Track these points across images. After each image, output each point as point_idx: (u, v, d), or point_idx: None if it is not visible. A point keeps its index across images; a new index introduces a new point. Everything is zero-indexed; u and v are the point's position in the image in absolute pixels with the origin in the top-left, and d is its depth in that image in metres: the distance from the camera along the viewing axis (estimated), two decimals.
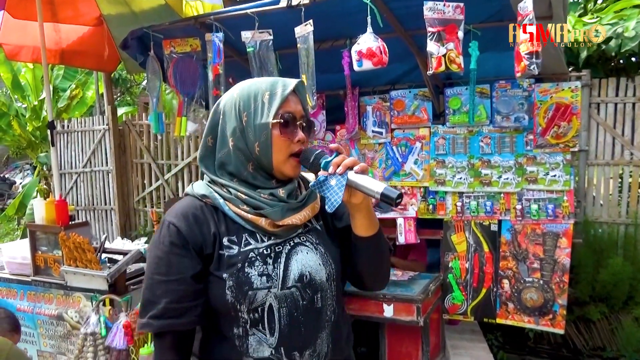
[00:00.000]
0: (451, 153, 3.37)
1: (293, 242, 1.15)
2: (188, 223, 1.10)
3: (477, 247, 3.34)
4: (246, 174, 1.13)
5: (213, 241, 1.10)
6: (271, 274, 1.09)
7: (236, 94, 1.15)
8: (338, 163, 1.08)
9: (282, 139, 1.12)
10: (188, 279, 1.08)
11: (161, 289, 1.08)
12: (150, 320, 1.08)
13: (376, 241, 1.19)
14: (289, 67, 3.05)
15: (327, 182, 1.09)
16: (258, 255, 1.10)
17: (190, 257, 1.08)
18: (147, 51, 3.30)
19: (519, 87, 3.17)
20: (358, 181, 1.07)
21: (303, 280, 1.12)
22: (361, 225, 1.16)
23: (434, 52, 2.39)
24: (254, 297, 1.07)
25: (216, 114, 1.17)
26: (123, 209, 6.10)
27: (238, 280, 1.07)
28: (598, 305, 4.10)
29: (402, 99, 3.48)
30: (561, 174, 3.12)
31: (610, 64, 4.68)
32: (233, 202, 1.12)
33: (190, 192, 1.18)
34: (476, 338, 3.66)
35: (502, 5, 2.56)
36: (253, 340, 1.10)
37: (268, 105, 1.11)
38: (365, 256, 1.20)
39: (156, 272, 1.09)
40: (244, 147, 1.12)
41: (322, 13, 2.73)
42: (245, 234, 1.12)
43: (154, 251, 1.11)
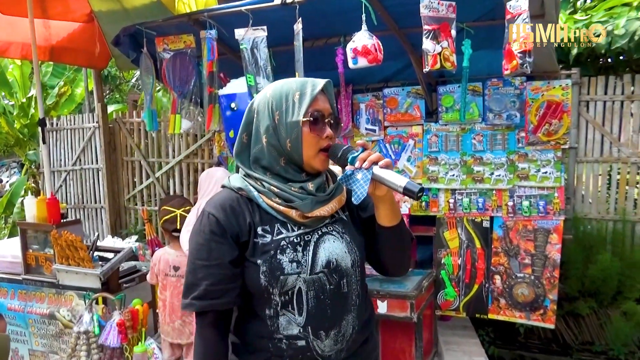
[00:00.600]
0: (444, 150, 3.40)
1: (321, 231, 1.25)
2: (226, 214, 1.20)
3: (469, 244, 3.37)
4: (279, 168, 1.22)
5: (248, 230, 1.20)
6: (301, 261, 1.19)
7: (269, 94, 1.24)
8: (364, 158, 1.17)
9: (311, 135, 1.20)
10: (226, 263, 1.18)
11: (202, 272, 1.19)
12: (193, 300, 1.19)
13: (398, 231, 1.28)
14: (283, 64, 3.05)
15: (354, 175, 1.17)
16: (289, 243, 1.20)
17: (228, 244, 1.19)
18: (139, 48, 3.28)
19: (511, 85, 3.20)
20: (383, 175, 1.16)
21: (330, 266, 1.22)
22: (385, 216, 1.25)
23: (430, 50, 2.40)
24: (285, 282, 1.18)
25: (250, 112, 1.27)
26: (113, 207, 6.05)
27: (271, 266, 1.17)
28: (587, 300, 4.15)
29: (395, 97, 3.50)
30: (552, 170, 3.16)
31: (600, 62, 4.73)
32: (266, 195, 1.21)
33: (228, 185, 1.27)
34: (468, 334, 3.70)
35: (495, 4, 2.58)
36: (283, 320, 1.20)
37: (298, 104, 1.20)
38: (388, 245, 1.30)
39: (198, 257, 1.20)
40: (276, 143, 1.21)
41: (316, 11, 2.74)
42: (277, 224, 1.22)
43: (196, 239, 1.21)
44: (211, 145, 5.66)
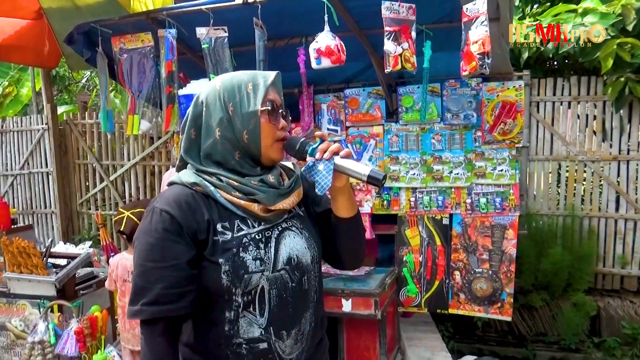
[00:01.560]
0: (404, 150, 3.46)
1: (281, 227, 1.22)
2: (181, 210, 1.12)
3: (430, 241, 3.45)
4: (233, 162, 1.18)
5: (207, 227, 1.13)
6: (264, 258, 1.15)
7: (218, 86, 1.20)
8: (324, 149, 1.19)
9: (269, 125, 1.18)
10: (183, 264, 1.10)
11: (155, 275, 1.09)
12: (144, 307, 1.09)
13: (356, 222, 1.30)
14: (244, 65, 3.02)
15: (315, 167, 1.18)
16: (251, 240, 1.16)
17: (184, 243, 1.11)
18: (94, 47, 3.17)
19: (467, 86, 3.30)
20: (345, 165, 1.17)
21: (291, 263, 1.20)
22: (343, 208, 1.27)
23: (392, 51, 2.44)
24: (249, 281, 1.12)
25: (197, 106, 1.22)
26: (65, 212, 5.83)
27: (234, 265, 1.12)
28: (540, 293, 4.34)
29: (356, 97, 3.54)
30: (507, 168, 3.28)
31: (547, 65, 4.96)
32: (225, 189, 1.16)
33: (179, 180, 1.20)
34: (429, 329, 3.78)
35: (453, 7, 2.65)
36: (243, 323, 1.14)
37: (253, 95, 1.17)
38: (346, 236, 1.31)
39: (149, 258, 1.10)
40: (231, 136, 1.17)
41: (277, 11, 2.74)
42: (237, 220, 1.17)
43: (145, 239, 1.12)
44: (168, 147, 5.55)
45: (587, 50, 4.08)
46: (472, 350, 4.37)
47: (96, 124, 5.70)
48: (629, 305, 4.33)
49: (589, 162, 4.42)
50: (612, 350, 4.18)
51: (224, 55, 2.87)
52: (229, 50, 2.87)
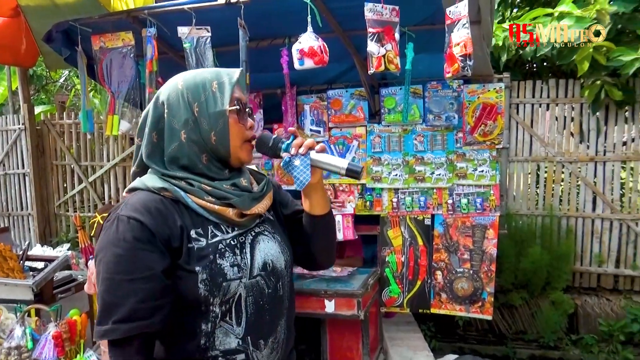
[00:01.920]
0: (387, 151, 3.48)
1: (254, 231, 1.19)
2: (152, 216, 1.04)
3: (412, 241, 3.47)
4: (201, 165, 1.13)
5: (180, 234, 1.07)
6: (240, 264, 1.11)
7: (180, 85, 1.14)
8: (299, 144, 1.17)
9: (238, 125, 1.15)
10: (158, 274, 1.02)
11: (126, 288, 1.00)
12: (116, 325, 0.99)
13: (330, 219, 1.30)
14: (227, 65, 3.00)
15: (292, 162, 1.16)
16: (226, 246, 1.11)
17: (158, 252, 1.03)
18: (73, 46, 3.12)
19: (449, 88, 3.34)
20: (322, 159, 1.16)
21: (267, 268, 1.16)
22: (317, 205, 1.26)
23: (375, 53, 2.45)
24: (228, 288, 1.08)
25: (158, 108, 1.14)
26: (42, 214, 5.71)
27: (212, 273, 1.06)
28: (520, 291, 4.40)
29: (339, 98, 3.55)
30: (488, 169, 3.32)
31: (526, 68, 5.04)
32: (196, 194, 1.10)
33: (143, 186, 1.11)
34: (411, 329, 3.81)
35: (435, 10, 2.68)
36: (220, 333, 1.09)
37: (220, 94, 1.12)
38: (321, 234, 1.30)
39: (118, 271, 1.01)
40: (197, 138, 1.12)
41: (260, 11, 2.73)
42: (211, 226, 1.11)
43: (112, 249, 1.02)
44: None
45: (564, 54, 4.16)
46: (454, 349, 4.42)
47: (75, 124, 5.60)
48: (605, 302, 4.43)
49: (567, 163, 4.51)
50: (590, 347, 4.26)
51: (207, 55, 2.85)
52: (211, 50, 2.85)
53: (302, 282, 3.07)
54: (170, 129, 1.12)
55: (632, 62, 3.86)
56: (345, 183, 3.57)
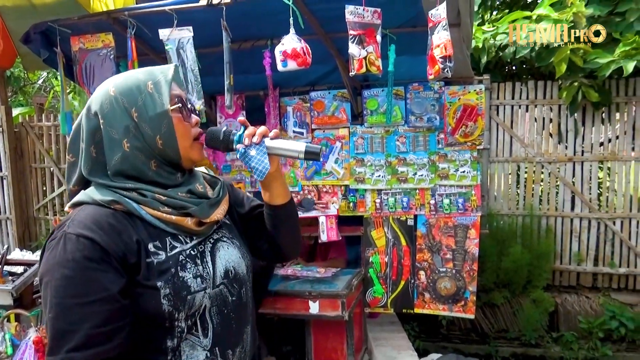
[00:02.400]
0: (370, 152, 3.50)
1: (213, 239, 1.14)
2: (105, 232, 0.96)
3: (395, 242, 3.50)
4: (151, 173, 1.06)
5: (137, 249, 1.00)
6: (203, 274, 1.06)
7: (112, 91, 1.06)
8: (252, 133, 1.14)
9: (183, 124, 1.09)
10: (115, 295, 0.94)
11: (79, 313, 0.91)
12: (70, 354, 0.90)
13: (292, 206, 1.29)
14: (209, 66, 3.00)
15: (247, 153, 1.12)
16: (187, 257, 1.06)
17: (113, 271, 0.95)
18: (52, 47, 3.07)
19: (430, 90, 3.37)
20: (278, 146, 1.13)
21: (229, 275, 1.13)
22: (278, 194, 1.23)
23: (356, 55, 2.47)
24: (193, 301, 1.03)
25: (91, 120, 1.06)
26: (21, 218, 5.62)
27: (175, 287, 1.00)
28: (501, 290, 4.47)
29: (322, 100, 3.56)
30: (469, 170, 3.36)
31: (506, 70, 5.12)
32: (150, 205, 1.03)
33: (90, 200, 1.02)
34: (395, 329, 3.83)
35: (416, 12, 2.71)
36: (186, 347, 1.04)
37: (157, 94, 1.05)
38: (285, 224, 1.28)
39: (68, 295, 0.92)
40: (142, 145, 1.04)
41: (243, 13, 2.72)
42: (168, 237, 1.05)
43: (60, 271, 0.93)
44: None
45: (542, 56, 4.24)
46: (438, 348, 4.46)
47: (54, 127, 5.52)
48: (584, 300, 4.51)
49: (546, 163, 4.59)
50: (570, 345, 4.34)
51: (190, 56, 2.83)
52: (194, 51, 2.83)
53: (287, 283, 3.07)
54: (109, 140, 1.04)
55: (609, 64, 3.95)
56: (329, 184, 3.58)
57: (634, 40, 3.89)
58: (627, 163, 4.50)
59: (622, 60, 3.90)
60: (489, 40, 4.50)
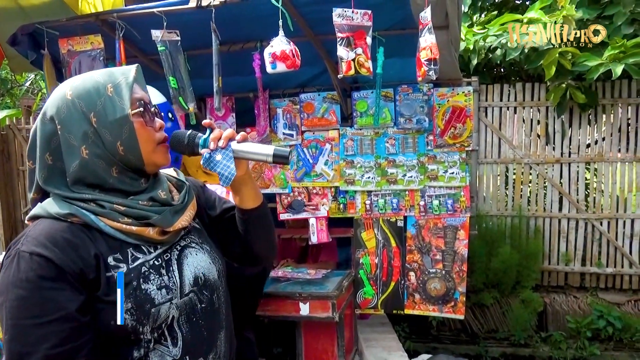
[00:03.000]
0: (359, 154, 3.51)
1: (180, 246, 1.10)
2: (60, 249, 0.93)
3: (385, 243, 3.51)
4: (112, 180, 1.01)
5: (96, 264, 0.96)
6: (169, 285, 1.03)
7: (69, 94, 1.01)
8: (218, 137, 1.08)
9: (146, 128, 1.04)
10: (73, 313, 0.91)
11: (36, 334, 0.88)
12: None
13: (264, 209, 1.23)
14: (198, 68, 3.00)
15: (213, 158, 1.08)
16: (150, 267, 1.02)
17: (70, 288, 0.92)
18: (40, 49, 3.05)
19: (419, 91, 3.40)
20: (245, 149, 1.09)
21: (198, 282, 1.09)
22: (249, 197, 1.19)
23: (344, 57, 2.48)
24: (158, 314, 0.99)
25: (46, 125, 1.01)
26: (9, 222, 5.56)
27: (137, 300, 0.97)
28: (491, 291, 4.50)
29: (311, 102, 3.56)
30: (458, 171, 3.38)
31: (494, 72, 5.16)
32: (109, 216, 0.99)
33: (45, 213, 0.99)
34: (386, 330, 3.84)
35: (405, 15, 2.72)
36: (155, 357, 1.01)
37: (118, 97, 1.01)
38: (258, 227, 1.23)
39: (24, 316, 0.89)
40: (102, 151, 1.00)
41: (232, 15, 2.72)
42: (130, 249, 1.01)
43: (14, 292, 0.90)
44: None
45: (532, 58, 4.29)
46: (428, 349, 4.48)
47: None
48: (572, 300, 4.56)
49: (534, 164, 4.63)
50: (558, 344, 4.38)
51: (178, 58, 2.83)
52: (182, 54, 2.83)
53: (277, 285, 3.07)
54: (67, 147, 0.99)
55: (597, 67, 4.00)
56: (319, 185, 3.59)
57: (622, 43, 3.94)
58: (614, 164, 4.56)
59: (610, 64, 3.95)
60: (479, 42, 4.54)
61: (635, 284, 4.59)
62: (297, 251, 3.86)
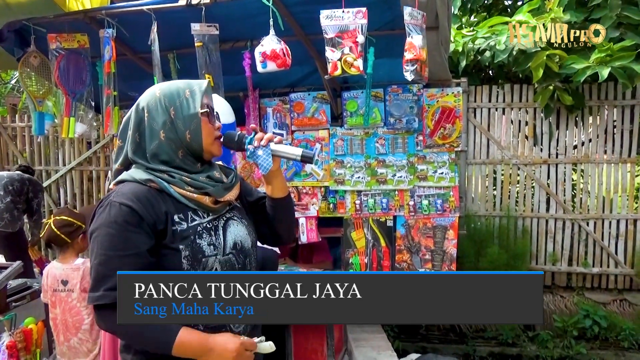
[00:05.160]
0: (349, 153, 3.52)
1: (226, 217, 1.38)
2: (141, 203, 1.23)
3: (375, 243, 3.52)
4: (177, 160, 1.32)
5: (165, 219, 1.25)
6: (215, 244, 1.31)
7: (158, 93, 1.33)
8: (261, 138, 1.40)
9: (208, 125, 1.34)
10: (144, 252, 1.21)
11: (116, 263, 1.18)
12: (107, 292, 1.18)
13: (289, 200, 1.54)
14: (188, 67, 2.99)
15: (256, 153, 1.39)
16: (204, 229, 1.30)
17: (145, 233, 1.22)
18: (26, 46, 3.02)
19: (409, 92, 3.41)
20: (280, 149, 1.41)
21: (237, 247, 1.37)
22: (279, 189, 1.48)
23: (330, 57, 2.48)
24: (206, 263, 1.27)
25: (138, 113, 1.34)
26: None
27: (193, 250, 1.26)
28: None
29: (301, 102, 3.56)
30: (447, 171, 3.40)
31: (483, 74, 5.20)
32: (178, 185, 1.29)
33: (131, 178, 1.30)
34: (375, 330, 3.84)
35: (395, 16, 2.73)
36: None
37: (192, 99, 1.32)
38: (283, 214, 1.52)
39: (110, 248, 1.20)
40: (174, 136, 1.31)
41: (222, 14, 2.71)
42: (190, 212, 1.30)
43: (105, 230, 1.21)
44: (107, 152, 5.35)
45: (520, 61, 4.32)
46: (417, 348, 4.49)
47: (27, 127, 5.41)
48: (559, 299, 4.60)
49: (522, 165, 4.67)
50: (545, 343, 4.42)
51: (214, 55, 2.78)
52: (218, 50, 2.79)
53: None
54: (150, 130, 1.31)
55: (584, 70, 4.04)
56: (309, 185, 3.59)
57: (609, 47, 3.99)
58: (600, 165, 4.61)
59: (597, 67, 3.99)
60: (467, 44, 4.57)
61: (620, 284, 4.64)
62: (288, 251, 3.86)
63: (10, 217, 4.00)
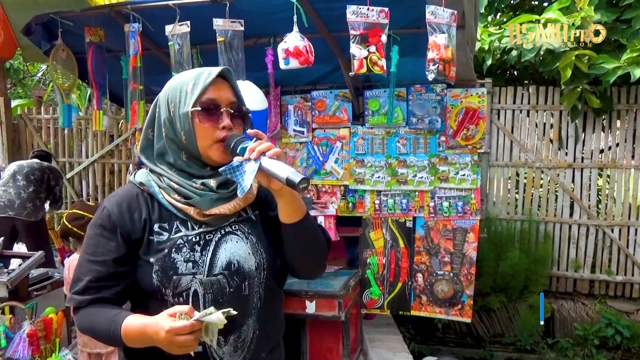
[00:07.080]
0: (370, 153, 3.49)
1: (224, 230, 1.19)
2: (120, 210, 1.16)
3: (393, 243, 3.48)
4: (181, 162, 1.17)
5: (143, 227, 1.15)
6: (197, 261, 1.14)
7: (168, 86, 1.20)
8: (253, 148, 1.08)
9: (204, 126, 1.14)
10: (109, 261, 1.13)
11: (86, 267, 1.15)
12: (74, 295, 1.15)
13: (302, 228, 1.17)
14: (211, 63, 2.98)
15: (242, 167, 1.09)
16: (186, 242, 1.15)
17: (115, 241, 1.14)
18: (53, 39, 3.06)
19: (432, 92, 3.36)
20: (268, 166, 1.06)
21: (231, 268, 1.16)
22: (284, 212, 1.15)
23: (356, 55, 2.45)
24: (179, 282, 1.12)
25: (155, 107, 1.22)
26: None
27: (164, 265, 1.12)
28: (498, 295, 4.45)
29: (323, 99, 3.54)
30: (469, 173, 3.35)
31: (508, 74, 5.11)
32: (166, 191, 1.16)
33: (132, 179, 1.23)
34: (391, 331, 3.82)
35: (420, 14, 2.69)
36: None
37: (190, 94, 1.14)
38: (292, 243, 1.19)
39: (86, 251, 1.17)
40: (173, 137, 1.17)
41: (246, 10, 2.71)
42: (177, 222, 1.17)
43: (89, 231, 1.18)
44: (129, 145, 5.41)
45: (547, 61, 4.23)
46: (432, 351, 4.45)
47: (52, 119, 5.50)
48: (581, 307, 4.50)
49: (546, 169, 4.58)
50: (565, 351, 4.33)
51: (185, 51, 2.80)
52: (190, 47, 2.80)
53: None
54: (158, 127, 1.19)
55: (614, 70, 3.93)
56: (328, 184, 3.57)
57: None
58: (627, 171, 4.50)
59: (628, 67, 3.88)
60: (494, 43, 4.48)
61: None
62: None
63: (32, 207, 4.08)
